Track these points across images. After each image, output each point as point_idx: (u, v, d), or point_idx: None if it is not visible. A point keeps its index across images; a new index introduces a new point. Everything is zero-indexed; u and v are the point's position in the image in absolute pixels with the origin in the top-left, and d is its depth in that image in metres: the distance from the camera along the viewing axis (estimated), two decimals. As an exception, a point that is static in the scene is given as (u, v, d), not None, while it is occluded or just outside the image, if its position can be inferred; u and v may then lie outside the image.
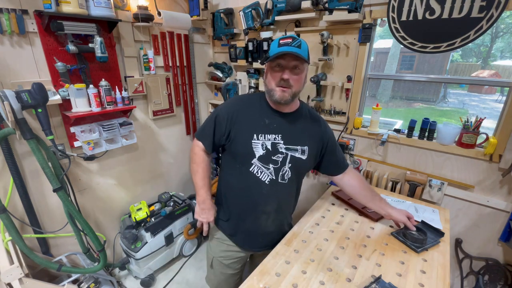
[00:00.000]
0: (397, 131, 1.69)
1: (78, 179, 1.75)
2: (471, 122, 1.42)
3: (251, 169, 1.06)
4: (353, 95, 1.71)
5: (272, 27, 1.90)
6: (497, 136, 1.35)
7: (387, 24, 1.43)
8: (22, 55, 1.40)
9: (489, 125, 1.48)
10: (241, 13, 1.96)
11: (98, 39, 1.49)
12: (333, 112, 1.81)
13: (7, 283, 1.23)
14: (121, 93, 1.70)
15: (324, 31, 1.61)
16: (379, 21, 1.55)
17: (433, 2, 1.28)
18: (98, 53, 1.52)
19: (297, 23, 1.81)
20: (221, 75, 2.26)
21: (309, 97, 1.89)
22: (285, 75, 0.95)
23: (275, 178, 1.07)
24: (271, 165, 1.05)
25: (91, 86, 1.55)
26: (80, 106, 1.54)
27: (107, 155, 1.85)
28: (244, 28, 2.00)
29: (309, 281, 0.93)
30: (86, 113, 1.54)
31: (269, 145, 1.04)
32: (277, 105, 1.04)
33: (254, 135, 1.04)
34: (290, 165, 1.07)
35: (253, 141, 1.04)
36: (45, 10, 1.31)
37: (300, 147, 1.07)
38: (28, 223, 1.55)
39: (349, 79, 1.68)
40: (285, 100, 0.99)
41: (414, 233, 1.13)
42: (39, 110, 1.31)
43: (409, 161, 1.64)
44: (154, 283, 2.00)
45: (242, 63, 2.12)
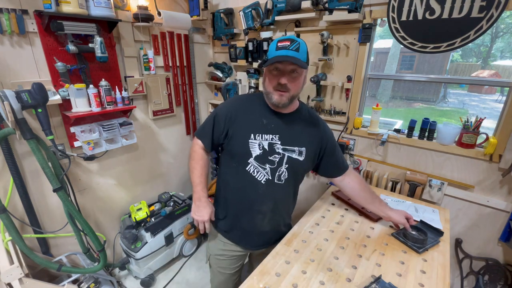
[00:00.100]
0: (397, 131, 1.69)
1: (78, 179, 1.75)
2: (471, 122, 1.42)
3: (247, 169, 1.06)
4: (353, 95, 1.71)
5: (272, 27, 1.90)
6: (497, 136, 1.35)
7: (387, 24, 1.43)
8: (22, 55, 1.40)
9: (489, 125, 1.48)
10: (241, 13, 1.96)
11: (98, 39, 1.49)
12: (333, 112, 1.81)
13: (7, 283, 1.23)
14: (121, 93, 1.70)
15: (324, 31, 1.61)
16: (379, 21, 1.55)
17: (433, 2, 1.28)
18: (98, 53, 1.52)
19: (297, 23, 1.81)
20: (221, 75, 2.26)
21: (309, 97, 1.89)
22: (282, 80, 0.95)
23: (271, 178, 1.07)
24: (267, 165, 1.06)
25: (91, 86, 1.55)
26: (80, 106, 1.54)
27: (107, 155, 1.85)
28: (244, 28, 2.00)
29: (309, 281, 0.93)
30: (86, 113, 1.54)
31: (266, 145, 1.04)
32: (276, 106, 1.05)
33: (251, 135, 1.04)
34: (287, 165, 1.07)
35: (250, 141, 1.04)
36: (45, 10, 1.31)
37: (297, 148, 1.07)
38: (28, 223, 1.55)
39: (349, 79, 1.68)
40: (282, 103, 1.00)
41: (414, 233, 1.13)
42: (39, 110, 1.31)
43: (409, 161, 1.64)
44: (154, 283, 2.00)
45: (242, 63, 2.12)
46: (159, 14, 1.80)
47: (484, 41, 8.57)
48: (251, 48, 1.99)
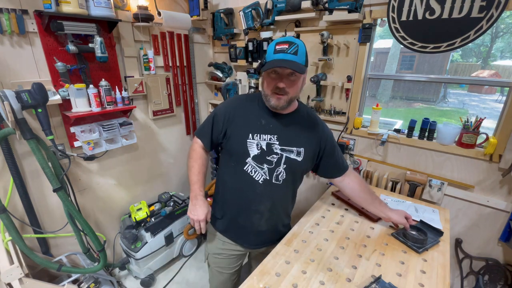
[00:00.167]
0: (397, 131, 1.69)
1: (78, 179, 1.75)
2: (471, 122, 1.42)
3: (245, 168, 1.06)
4: (353, 95, 1.71)
5: (272, 27, 1.90)
6: (497, 136, 1.35)
7: (387, 24, 1.43)
8: (22, 55, 1.40)
9: (489, 125, 1.48)
10: (241, 13, 1.96)
11: (98, 39, 1.49)
12: (333, 112, 1.81)
13: (7, 283, 1.23)
14: (121, 93, 1.70)
15: (324, 31, 1.61)
16: (379, 21, 1.55)
17: (433, 2, 1.28)
18: (98, 53, 1.52)
19: (297, 23, 1.81)
20: (221, 75, 2.26)
21: (309, 97, 1.89)
22: (280, 84, 0.95)
23: (268, 178, 1.07)
24: (265, 165, 1.06)
25: (91, 86, 1.55)
26: (80, 106, 1.54)
27: (107, 155, 1.85)
28: (244, 28, 2.00)
29: (309, 281, 0.93)
30: (86, 113, 1.54)
31: (264, 145, 1.05)
32: (274, 108, 1.05)
33: (249, 135, 1.04)
34: (285, 166, 1.07)
35: (248, 141, 1.04)
36: (45, 10, 1.31)
37: (296, 148, 1.07)
38: (28, 223, 1.55)
39: (349, 79, 1.68)
40: (280, 106, 1.00)
41: (414, 233, 1.13)
42: (39, 110, 1.31)
43: (409, 161, 1.64)
44: (154, 283, 2.00)
45: (242, 63, 2.12)
46: (159, 14, 1.80)
47: (484, 41, 8.57)
48: (251, 48, 1.99)
